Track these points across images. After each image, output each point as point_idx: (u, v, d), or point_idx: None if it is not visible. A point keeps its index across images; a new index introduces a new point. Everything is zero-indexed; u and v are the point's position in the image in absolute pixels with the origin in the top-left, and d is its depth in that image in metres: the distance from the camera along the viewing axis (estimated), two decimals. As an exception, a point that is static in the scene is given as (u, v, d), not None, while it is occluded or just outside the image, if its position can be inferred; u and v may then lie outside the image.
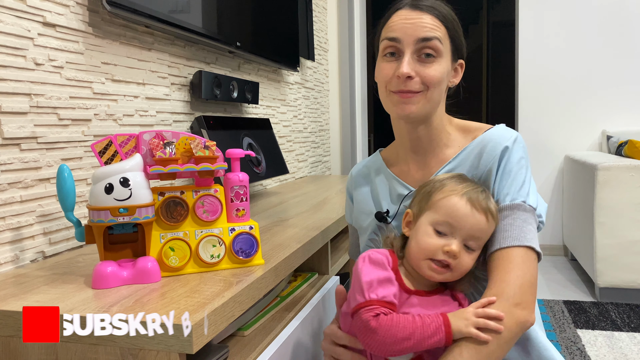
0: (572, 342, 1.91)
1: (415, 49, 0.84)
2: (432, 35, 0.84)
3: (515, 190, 0.83)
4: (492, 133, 0.89)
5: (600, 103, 3.02)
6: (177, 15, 1.39)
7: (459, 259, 0.77)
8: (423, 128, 0.91)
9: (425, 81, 0.85)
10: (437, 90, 0.86)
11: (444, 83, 0.88)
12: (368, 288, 0.74)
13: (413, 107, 0.86)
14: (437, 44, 0.84)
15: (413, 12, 0.85)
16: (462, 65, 0.92)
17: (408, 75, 0.83)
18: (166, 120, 1.46)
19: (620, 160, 2.37)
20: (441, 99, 0.90)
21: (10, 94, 0.97)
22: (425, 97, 0.86)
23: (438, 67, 0.85)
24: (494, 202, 0.82)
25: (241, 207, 0.94)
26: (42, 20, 1.04)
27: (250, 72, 2.04)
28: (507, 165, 0.84)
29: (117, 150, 0.85)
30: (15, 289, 0.82)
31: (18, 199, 0.99)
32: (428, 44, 0.83)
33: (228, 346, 0.87)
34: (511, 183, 0.83)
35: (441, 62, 0.85)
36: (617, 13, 2.95)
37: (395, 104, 0.87)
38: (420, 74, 0.84)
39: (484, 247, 0.82)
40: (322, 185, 2.24)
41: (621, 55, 2.97)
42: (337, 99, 3.23)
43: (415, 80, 0.84)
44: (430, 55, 0.84)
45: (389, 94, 0.88)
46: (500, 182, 0.84)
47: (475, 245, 0.79)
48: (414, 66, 0.84)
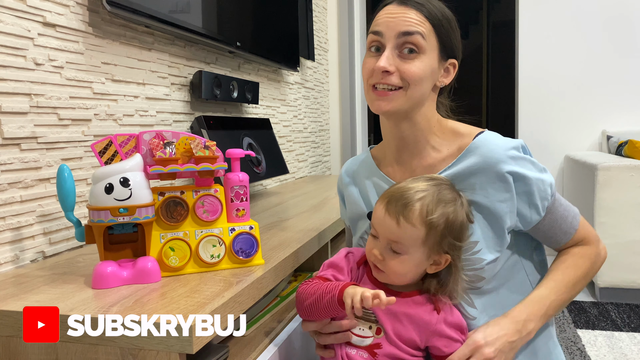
0: (572, 342, 1.91)
1: (397, 43, 0.83)
2: (414, 30, 0.82)
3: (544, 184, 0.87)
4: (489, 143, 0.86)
5: (600, 103, 3.02)
6: (177, 15, 1.39)
7: (384, 261, 0.79)
8: (407, 127, 0.89)
9: (405, 77, 0.83)
10: (418, 88, 0.84)
11: (427, 81, 0.85)
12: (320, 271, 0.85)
13: (390, 104, 0.84)
14: (419, 40, 0.82)
15: (398, 8, 0.84)
16: (454, 65, 0.90)
17: (385, 69, 0.82)
18: (166, 120, 1.46)
19: (620, 160, 2.37)
20: (425, 98, 0.87)
21: (10, 94, 0.97)
22: (405, 95, 0.84)
23: (419, 63, 0.83)
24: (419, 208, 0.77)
25: (241, 207, 0.94)
26: (42, 20, 1.04)
27: (250, 72, 2.04)
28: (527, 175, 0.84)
29: (117, 150, 0.85)
30: (15, 289, 0.82)
31: (18, 199, 0.99)
32: (409, 38, 0.82)
33: (228, 346, 0.87)
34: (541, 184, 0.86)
35: (423, 59, 0.83)
36: (617, 13, 2.95)
37: (372, 100, 0.87)
38: (399, 68, 0.83)
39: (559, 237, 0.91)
40: (322, 185, 2.24)
41: (621, 55, 2.97)
42: (337, 99, 3.23)
43: (394, 75, 0.83)
44: (413, 50, 0.83)
45: (368, 89, 0.87)
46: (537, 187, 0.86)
47: (399, 249, 0.78)
48: (394, 61, 0.83)
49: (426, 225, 0.77)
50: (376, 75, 0.84)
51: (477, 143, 0.87)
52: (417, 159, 0.92)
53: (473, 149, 0.87)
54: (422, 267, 0.80)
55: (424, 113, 0.89)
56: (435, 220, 0.77)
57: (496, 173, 0.84)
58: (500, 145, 0.85)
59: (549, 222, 0.89)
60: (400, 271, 0.79)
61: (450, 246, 0.79)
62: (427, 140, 0.91)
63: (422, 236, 0.77)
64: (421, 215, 0.77)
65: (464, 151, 0.88)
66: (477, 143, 0.87)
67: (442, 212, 0.78)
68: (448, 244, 0.79)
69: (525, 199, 0.86)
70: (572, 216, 0.92)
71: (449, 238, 0.78)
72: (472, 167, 0.86)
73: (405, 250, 0.78)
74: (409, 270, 0.80)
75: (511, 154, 0.84)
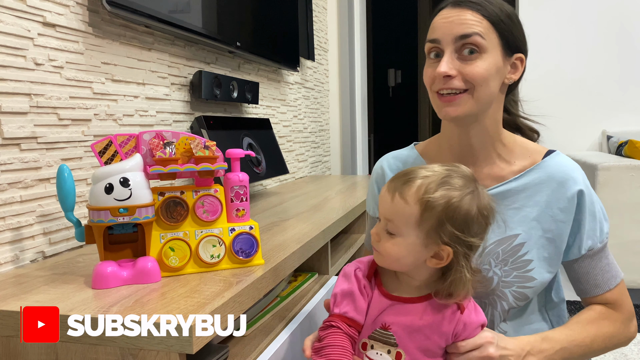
0: (572, 342, 1.91)
1: (455, 47, 0.80)
2: (471, 32, 0.79)
3: (601, 230, 0.87)
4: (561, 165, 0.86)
5: (600, 103, 3.02)
6: (177, 15, 1.39)
7: (380, 242, 0.74)
8: (476, 133, 0.86)
9: (468, 78, 0.80)
10: (484, 88, 0.81)
11: (493, 79, 0.82)
12: (334, 302, 0.77)
13: (458, 108, 0.81)
14: (478, 39, 0.79)
15: (453, 10, 0.81)
16: (521, 60, 0.86)
17: (446, 74, 0.80)
18: (166, 120, 1.46)
19: (620, 160, 2.37)
20: (493, 99, 0.84)
21: (10, 94, 0.97)
22: (472, 97, 0.81)
23: (482, 63, 0.80)
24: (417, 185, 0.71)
25: (241, 207, 0.94)
26: (42, 20, 1.04)
27: (250, 72, 2.04)
28: (589, 207, 0.86)
29: (117, 150, 0.85)
30: (15, 289, 0.82)
31: (18, 199, 0.99)
32: (468, 40, 0.79)
33: (228, 346, 0.87)
34: (596, 225, 0.86)
35: (485, 58, 0.80)
36: (617, 13, 2.95)
37: (439, 108, 0.84)
38: (462, 71, 0.80)
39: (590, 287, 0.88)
40: (322, 185, 2.24)
41: (621, 55, 2.97)
42: (337, 99, 3.23)
43: (457, 78, 0.80)
44: (473, 51, 0.80)
45: (433, 96, 0.85)
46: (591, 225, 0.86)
47: (393, 229, 0.72)
48: (455, 64, 0.80)
49: (420, 204, 0.70)
50: (438, 81, 0.82)
51: (550, 160, 0.87)
52: (486, 168, 0.88)
53: (545, 166, 0.86)
54: (419, 255, 0.72)
55: (493, 115, 0.86)
56: (432, 201, 0.69)
57: (566, 192, 0.84)
58: (574, 167, 0.87)
59: (586, 267, 0.87)
60: (393, 254, 0.73)
61: (452, 237, 0.70)
62: (494, 147, 0.88)
63: (415, 215, 0.70)
64: (417, 193, 0.70)
65: (535, 165, 0.87)
66: (550, 160, 0.87)
67: (442, 194, 0.70)
68: (449, 233, 0.69)
69: (576, 228, 0.85)
70: (612, 275, 0.88)
71: (449, 226, 0.69)
72: (542, 182, 0.85)
73: (398, 230, 0.72)
74: (402, 255, 0.72)
75: (584, 177, 0.86)
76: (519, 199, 0.86)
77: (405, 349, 0.73)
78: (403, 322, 0.73)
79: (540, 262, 0.85)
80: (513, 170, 0.88)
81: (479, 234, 0.73)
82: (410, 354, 0.73)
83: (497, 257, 0.86)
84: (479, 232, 0.73)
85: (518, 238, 0.86)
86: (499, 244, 0.86)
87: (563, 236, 0.85)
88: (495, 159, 0.88)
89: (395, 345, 0.73)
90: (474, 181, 0.74)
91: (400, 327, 0.73)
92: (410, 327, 0.73)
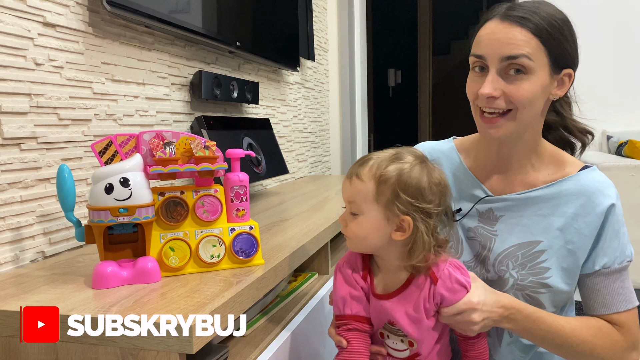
0: (572, 342, 1.90)
1: (501, 67, 0.79)
2: (519, 53, 0.77)
3: (622, 251, 0.85)
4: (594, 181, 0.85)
5: (600, 103, 3.02)
6: (177, 15, 1.39)
7: (347, 227, 0.80)
8: (515, 146, 0.87)
9: (512, 100, 0.79)
10: (527, 110, 0.80)
11: (538, 100, 0.80)
12: (343, 304, 0.82)
13: (500, 130, 0.81)
14: (526, 61, 0.77)
15: (501, 25, 0.79)
16: (569, 75, 0.84)
17: (490, 95, 0.79)
18: (166, 120, 1.46)
19: (620, 160, 2.37)
20: (536, 117, 0.83)
21: (10, 94, 0.97)
22: (515, 119, 0.80)
23: (527, 85, 0.78)
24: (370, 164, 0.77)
25: (241, 207, 0.94)
26: (42, 20, 1.04)
27: (250, 72, 2.04)
28: (614, 225, 0.84)
29: (117, 150, 0.85)
30: (15, 289, 0.82)
31: (18, 199, 0.99)
32: (515, 61, 0.77)
33: (228, 346, 0.87)
34: (618, 245, 0.84)
35: (531, 79, 0.78)
36: (617, 13, 2.95)
37: (481, 127, 0.84)
38: (506, 91, 0.79)
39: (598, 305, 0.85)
40: (322, 185, 2.24)
41: (621, 55, 2.97)
42: (337, 99, 3.23)
43: (500, 98, 0.79)
44: (519, 71, 0.78)
45: (476, 112, 0.85)
46: (611, 242, 0.84)
47: (355, 209, 0.78)
48: (499, 84, 0.79)
49: (375, 180, 0.75)
50: (481, 100, 0.81)
51: (584, 174, 0.86)
52: (518, 175, 0.89)
53: (578, 179, 0.86)
54: (384, 231, 0.76)
55: (533, 129, 0.86)
56: (385, 174, 0.75)
57: (595, 206, 0.83)
58: (608, 184, 0.86)
59: (597, 284, 0.85)
60: (360, 233, 0.77)
61: (408, 206, 0.74)
62: (529, 158, 0.88)
63: (372, 191, 0.75)
64: (371, 171, 0.76)
65: (568, 176, 0.87)
66: (584, 174, 0.86)
67: (394, 167, 0.75)
68: (405, 202, 0.74)
69: (594, 242, 0.85)
70: (624, 299, 0.84)
71: (404, 195, 0.74)
72: (572, 194, 0.85)
73: (359, 209, 0.77)
74: (367, 232, 0.77)
75: (617, 196, 0.85)
76: (546, 207, 0.86)
77: (413, 337, 0.79)
78: (401, 316, 0.78)
79: (558, 271, 0.84)
80: (544, 180, 0.88)
81: (433, 201, 0.76)
82: (420, 340, 0.79)
83: (517, 260, 0.86)
84: (433, 200, 0.76)
85: (540, 245, 0.86)
86: (519, 248, 0.87)
87: (584, 250, 0.84)
88: (528, 168, 0.89)
89: (405, 335, 0.80)
90: (423, 158, 0.78)
91: (402, 321, 0.79)
92: (408, 317, 0.78)
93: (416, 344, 0.80)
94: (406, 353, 0.81)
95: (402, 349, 0.81)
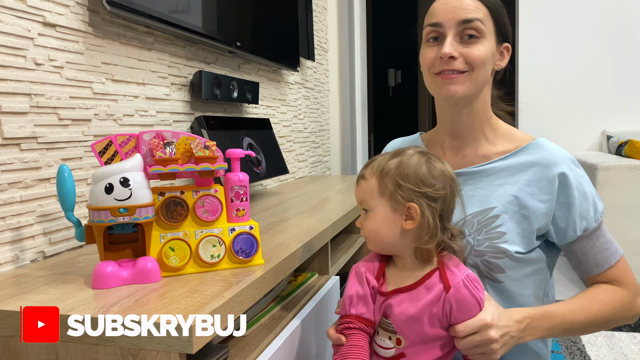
0: (572, 342, 1.91)
1: (457, 31, 0.85)
2: (474, 17, 0.85)
3: (595, 209, 0.88)
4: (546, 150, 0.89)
5: (600, 103, 3.02)
6: (177, 15, 1.39)
7: (363, 229, 0.83)
8: (466, 113, 0.92)
9: (470, 61, 0.85)
10: (482, 71, 0.87)
11: (489, 64, 0.88)
12: (350, 303, 0.81)
13: (458, 87, 0.86)
14: (479, 25, 0.85)
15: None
16: (508, 49, 0.92)
17: (451, 55, 0.84)
18: (166, 120, 1.46)
19: (620, 160, 2.37)
20: (486, 82, 0.90)
21: (10, 94, 0.97)
22: (471, 78, 0.86)
23: (482, 47, 0.86)
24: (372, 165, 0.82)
25: (241, 207, 0.94)
26: (42, 20, 1.04)
27: (250, 72, 2.04)
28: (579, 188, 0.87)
29: (117, 150, 0.85)
30: (15, 289, 0.82)
31: (18, 199, 0.99)
32: (470, 25, 0.84)
33: (228, 346, 0.87)
34: (589, 205, 0.88)
35: (484, 43, 0.86)
36: (617, 13, 2.95)
37: (439, 86, 0.88)
38: (463, 54, 0.85)
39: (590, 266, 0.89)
40: (322, 185, 2.24)
41: (621, 55, 2.97)
42: (337, 99, 3.23)
43: (459, 60, 0.85)
44: (473, 36, 0.85)
45: (432, 77, 0.89)
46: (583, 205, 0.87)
47: (366, 207, 0.82)
48: (456, 47, 0.85)
49: (377, 175, 0.80)
50: (439, 63, 0.86)
51: (535, 144, 0.90)
52: (471, 148, 0.94)
53: (531, 148, 0.90)
54: (394, 222, 0.79)
55: (483, 98, 0.92)
56: (385, 168, 0.79)
57: (547, 173, 0.87)
58: (560, 151, 0.89)
59: (584, 247, 0.89)
60: (373, 229, 0.81)
61: (410, 193, 0.77)
62: (482, 130, 0.93)
63: (376, 186, 0.79)
64: (373, 169, 0.81)
65: (521, 147, 0.91)
66: (535, 144, 0.90)
67: (394, 160, 0.80)
68: (407, 190, 0.77)
69: (565, 211, 0.87)
70: (611, 252, 0.90)
71: (405, 184, 0.77)
72: (526, 163, 0.89)
73: (369, 206, 0.81)
74: (380, 226, 0.80)
75: (569, 160, 0.88)
76: (501, 177, 0.90)
77: (403, 335, 0.78)
78: (399, 311, 0.78)
79: (514, 236, 0.86)
80: (498, 152, 0.93)
81: (435, 185, 0.78)
82: (409, 340, 0.78)
83: (472, 226, 0.89)
84: (435, 184, 0.78)
85: (494, 210, 0.88)
86: (475, 215, 0.89)
87: (537, 215, 0.87)
88: (483, 141, 0.94)
89: (394, 332, 0.79)
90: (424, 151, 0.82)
91: (397, 316, 0.78)
92: (405, 314, 0.77)
93: (404, 342, 0.78)
94: (391, 352, 0.79)
95: (389, 347, 0.79)
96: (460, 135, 0.94)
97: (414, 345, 0.77)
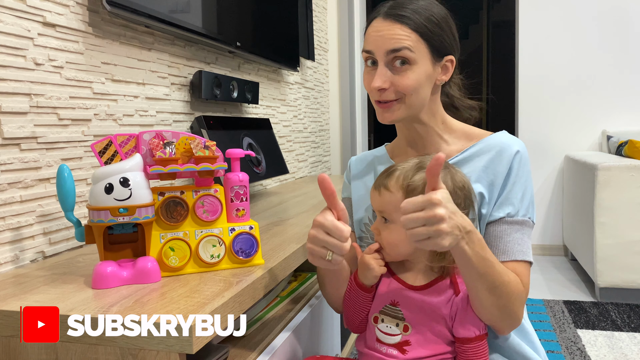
0: (572, 342, 1.91)
1: (387, 60, 0.87)
2: (400, 46, 0.85)
3: (525, 206, 0.88)
4: (502, 138, 0.91)
5: (600, 103, 3.02)
6: (177, 15, 1.39)
7: (381, 235, 0.83)
8: (418, 127, 0.94)
9: (399, 89, 0.87)
10: (415, 96, 0.88)
11: (424, 87, 0.89)
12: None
13: (394, 114, 0.89)
14: (407, 53, 0.85)
15: (384, 23, 0.87)
16: (451, 61, 0.91)
17: (380, 88, 0.86)
18: (166, 120, 1.46)
19: (620, 160, 2.37)
20: (425, 101, 0.91)
21: (10, 94, 0.97)
22: (405, 104, 0.88)
23: (412, 74, 0.86)
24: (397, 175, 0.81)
25: (241, 207, 0.94)
26: (42, 20, 1.04)
27: (250, 72, 2.04)
28: (519, 172, 0.88)
29: (117, 150, 0.85)
30: (15, 289, 0.82)
31: (18, 199, 0.99)
32: (398, 54, 0.85)
33: (228, 346, 0.87)
34: (522, 197, 0.88)
35: (415, 69, 0.86)
36: (617, 13, 2.95)
37: (378, 113, 0.92)
38: (394, 83, 0.87)
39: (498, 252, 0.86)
40: (322, 185, 2.24)
41: (621, 55, 2.97)
42: (337, 99, 3.23)
43: (389, 90, 0.87)
44: (404, 62, 0.86)
45: (374, 103, 0.92)
46: (512, 190, 0.87)
47: (387, 217, 0.82)
48: (388, 76, 0.87)
49: (403, 190, 0.80)
50: (374, 93, 0.89)
51: (490, 138, 0.92)
52: (433, 151, 0.95)
53: (486, 140, 0.92)
54: None
55: (428, 111, 0.93)
56: (412, 184, 0.79)
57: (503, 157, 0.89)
58: (516, 140, 0.91)
59: (500, 232, 0.87)
60: (392, 241, 0.81)
61: None
62: (439, 134, 0.95)
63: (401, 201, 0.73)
64: (398, 181, 0.81)
65: (477, 141, 0.93)
66: (490, 138, 0.92)
67: (420, 176, 0.80)
68: None
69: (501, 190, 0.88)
70: (521, 250, 0.86)
71: None
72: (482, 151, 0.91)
73: (391, 217, 0.81)
74: (400, 239, 0.80)
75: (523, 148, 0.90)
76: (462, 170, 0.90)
77: (411, 322, 0.81)
78: (409, 301, 0.81)
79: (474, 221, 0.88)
80: (458, 149, 0.94)
81: (459, 205, 0.80)
82: (416, 328, 0.81)
83: None
84: (459, 203, 0.80)
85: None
86: None
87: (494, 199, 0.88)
88: (442, 143, 0.95)
89: (403, 319, 0.82)
90: (446, 164, 0.84)
91: (407, 305, 0.81)
92: (415, 305, 0.81)
93: (411, 329, 0.81)
94: (397, 338, 0.82)
95: (395, 334, 0.82)
96: (418, 143, 0.96)
97: (420, 333, 0.81)
